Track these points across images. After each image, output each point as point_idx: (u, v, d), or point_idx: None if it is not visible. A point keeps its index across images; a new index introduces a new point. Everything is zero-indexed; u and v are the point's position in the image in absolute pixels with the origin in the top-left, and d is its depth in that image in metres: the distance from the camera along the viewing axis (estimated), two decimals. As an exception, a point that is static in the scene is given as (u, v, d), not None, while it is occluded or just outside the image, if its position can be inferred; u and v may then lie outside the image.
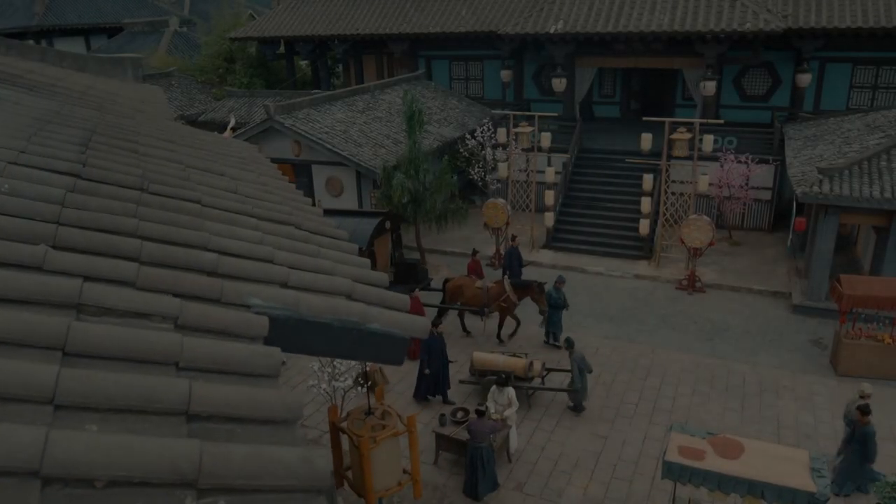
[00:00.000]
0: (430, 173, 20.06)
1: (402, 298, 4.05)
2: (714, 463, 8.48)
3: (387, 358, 3.72)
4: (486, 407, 11.21)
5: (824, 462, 8.39)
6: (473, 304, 16.12)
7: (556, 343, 15.84)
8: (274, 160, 21.59)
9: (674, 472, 8.55)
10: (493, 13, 27.58)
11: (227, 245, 3.86)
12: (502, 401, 11.91)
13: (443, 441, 11.90)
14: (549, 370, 14.10)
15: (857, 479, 11.01)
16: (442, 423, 11.94)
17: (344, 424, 9.18)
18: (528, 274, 18.25)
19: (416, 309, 14.92)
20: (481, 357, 13.86)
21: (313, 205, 6.78)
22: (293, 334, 3.40)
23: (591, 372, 13.46)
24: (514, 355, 13.98)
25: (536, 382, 13.72)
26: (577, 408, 13.39)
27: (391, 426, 8.87)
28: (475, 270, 17.74)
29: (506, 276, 16.38)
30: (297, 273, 3.79)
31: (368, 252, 16.24)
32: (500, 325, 16.41)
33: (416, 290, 15.96)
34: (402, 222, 18.62)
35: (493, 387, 12.11)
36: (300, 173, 21.81)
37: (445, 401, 13.73)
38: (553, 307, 15.78)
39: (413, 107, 18.86)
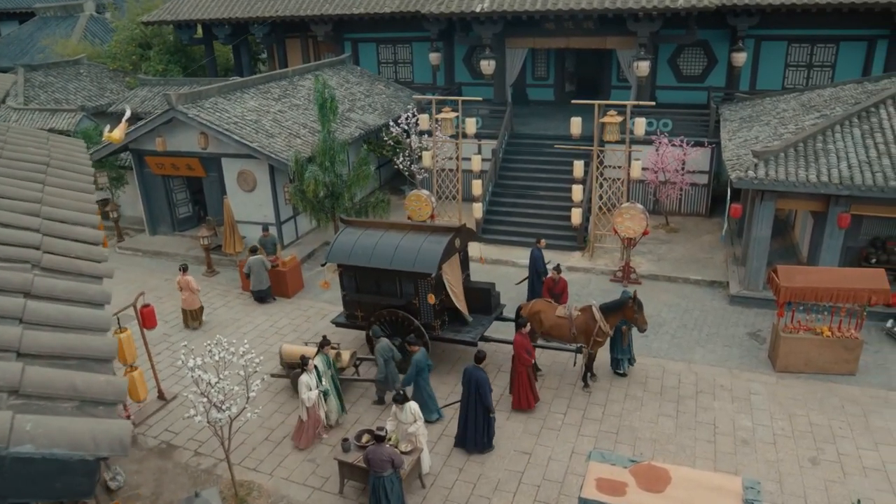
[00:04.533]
0: (348, 164, 18.66)
1: (117, 386, 2.71)
2: (636, 499, 7.39)
3: (62, 492, 2.39)
4: (387, 430, 9.95)
5: (758, 491, 7.38)
6: (555, 335, 13.29)
7: (620, 372, 13.62)
8: (180, 154, 20.14)
9: (591, 511, 7.44)
10: (420, -8, 26.14)
11: None
12: (406, 418, 10.64)
13: (347, 469, 10.63)
14: (361, 360, 13.61)
15: (422, 405, 11.95)
16: (345, 450, 10.64)
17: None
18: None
19: (525, 346, 12.39)
20: (289, 349, 13.27)
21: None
22: None
23: (399, 360, 13.04)
24: (331, 346, 13.34)
25: (350, 373, 13.44)
26: (381, 401, 13.05)
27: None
28: (552, 290, 14.90)
29: (594, 302, 13.35)
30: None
31: (437, 279, 13.13)
32: (590, 366, 13.35)
33: (525, 326, 12.57)
34: (473, 238, 15.15)
35: (394, 405, 10.82)
36: (209, 167, 20.11)
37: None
38: (619, 326, 13.40)
39: (325, 93, 17.39)
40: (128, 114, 18.63)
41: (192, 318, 16.48)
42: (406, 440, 10.65)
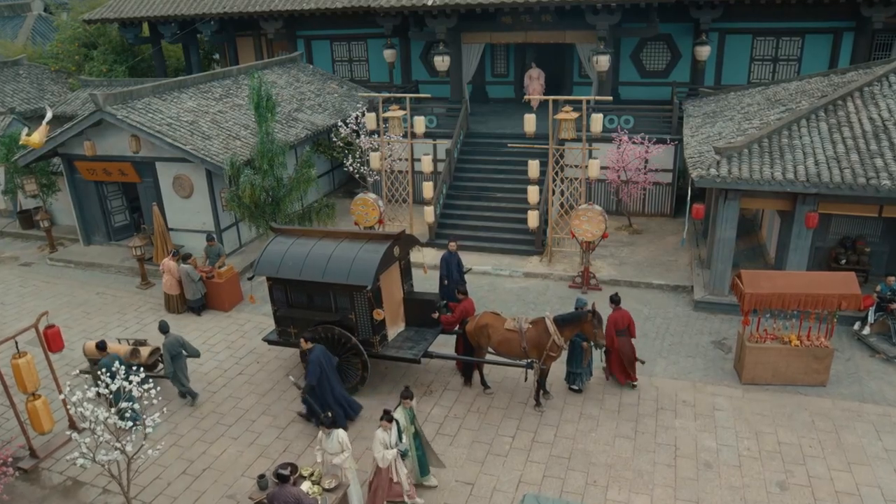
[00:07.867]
0: (291, 168, 17.46)
1: None
2: (572, 553, 6.36)
3: None
4: (295, 467, 8.79)
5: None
6: (504, 350, 12.18)
7: (576, 388, 12.60)
8: (111, 158, 18.72)
9: (520, 570, 6.38)
10: (372, -14, 24.96)
11: None
12: (332, 448, 9.48)
13: (264, 510, 9.47)
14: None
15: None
16: (262, 488, 9.46)
17: None
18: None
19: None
20: (91, 346, 12.80)
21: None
22: None
23: (198, 356, 13.02)
24: (136, 343, 13.27)
25: (158, 370, 13.08)
26: (190, 396, 12.90)
27: None
28: (470, 311, 13.27)
29: (548, 314, 12.10)
30: None
31: (374, 292, 12.13)
32: (542, 383, 12.26)
33: (619, 302, 12.00)
34: (415, 245, 14.20)
35: (320, 432, 9.65)
36: (143, 172, 18.74)
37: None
38: (578, 341, 12.32)
39: (261, 92, 16.19)
40: (48, 116, 17.38)
41: (171, 303, 16.57)
42: (330, 475, 9.50)
